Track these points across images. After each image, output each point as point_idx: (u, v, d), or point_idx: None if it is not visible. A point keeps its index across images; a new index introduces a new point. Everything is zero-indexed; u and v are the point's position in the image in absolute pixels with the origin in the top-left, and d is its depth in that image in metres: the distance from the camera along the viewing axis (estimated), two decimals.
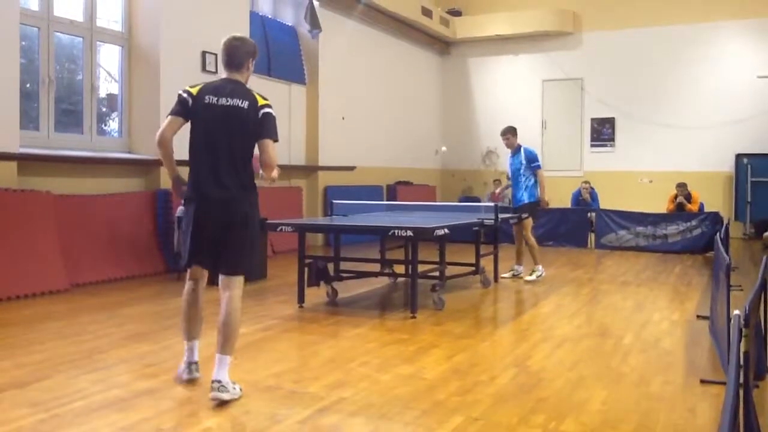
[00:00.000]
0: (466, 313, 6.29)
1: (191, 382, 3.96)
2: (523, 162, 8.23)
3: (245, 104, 3.85)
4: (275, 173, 3.85)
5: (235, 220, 3.85)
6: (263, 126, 3.86)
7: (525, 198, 8.22)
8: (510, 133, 8.28)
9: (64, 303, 6.38)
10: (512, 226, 8.67)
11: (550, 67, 15.60)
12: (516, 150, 8.31)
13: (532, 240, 8.27)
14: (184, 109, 3.88)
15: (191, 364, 4.02)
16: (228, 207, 3.85)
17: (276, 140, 3.91)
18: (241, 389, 3.75)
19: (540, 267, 8.20)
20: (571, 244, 11.83)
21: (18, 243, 6.62)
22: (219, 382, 3.62)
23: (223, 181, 3.84)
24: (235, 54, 3.97)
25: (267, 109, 3.88)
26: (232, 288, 3.85)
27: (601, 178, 14.18)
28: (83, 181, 7.89)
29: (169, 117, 3.89)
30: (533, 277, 8.12)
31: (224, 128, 3.85)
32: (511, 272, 8.34)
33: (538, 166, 8.25)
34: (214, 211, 3.85)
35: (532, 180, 8.22)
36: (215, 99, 3.86)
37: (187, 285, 4.05)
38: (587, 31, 15.35)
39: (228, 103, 3.85)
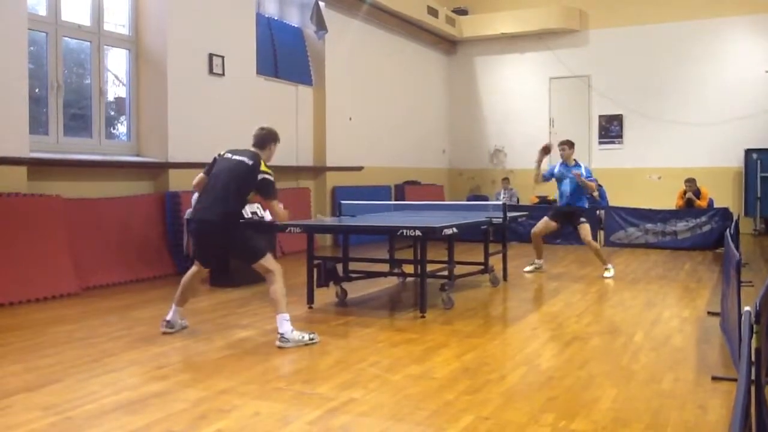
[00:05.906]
0: (475, 312, 6.28)
1: (164, 333, 5.20)
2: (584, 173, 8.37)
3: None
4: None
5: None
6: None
7: (585, 204, 8.57)
8: (566, 144, 8.48)
9: (74, 306, 6.41)
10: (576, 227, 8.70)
11: (557, 64, 15.55)
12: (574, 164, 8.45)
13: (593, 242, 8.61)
14: None
15: (164, 321, 5.26)
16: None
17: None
18: (311, 338, 4.90)
19: (610, 265, 8.42)
20: (579, 241, 11.68)
21: (28, 247, 6.67)
22: (280, 334, 4.85)
23: None
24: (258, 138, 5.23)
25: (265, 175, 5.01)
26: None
27: (609, 175, 14.11)
28: (92, 185, 7.93)
29: None
30: (608, 274, 8.31)
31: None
32: (533, 266, 8.67)
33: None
34: None
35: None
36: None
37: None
38: (594, 29, 15.29)
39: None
